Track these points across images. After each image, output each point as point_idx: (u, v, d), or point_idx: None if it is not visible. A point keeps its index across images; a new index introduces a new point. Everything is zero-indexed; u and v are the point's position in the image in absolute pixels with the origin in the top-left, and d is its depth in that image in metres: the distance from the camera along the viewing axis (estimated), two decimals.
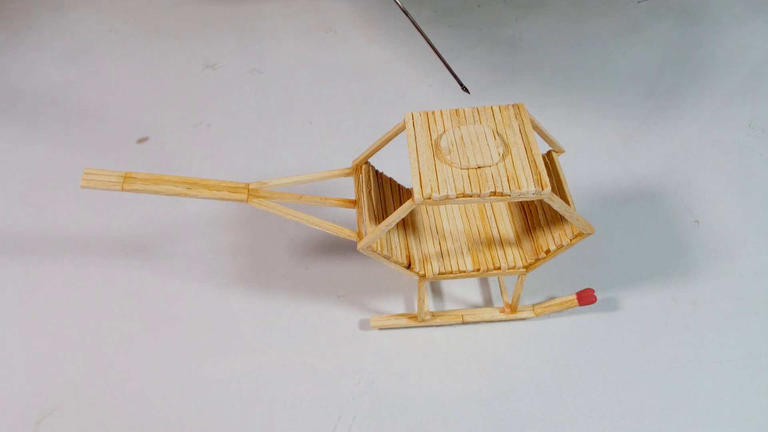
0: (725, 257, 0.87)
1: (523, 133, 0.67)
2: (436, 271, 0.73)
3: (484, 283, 0.85)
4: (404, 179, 0.93)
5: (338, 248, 0.90)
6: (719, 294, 0.83)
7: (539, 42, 1.21)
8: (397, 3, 0.65)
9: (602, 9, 1.28)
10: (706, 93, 1.10)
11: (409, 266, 0.73)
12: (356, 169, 0.77)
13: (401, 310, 0.83)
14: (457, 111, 0.70)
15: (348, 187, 0.97)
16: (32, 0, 1.36)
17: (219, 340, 0.81)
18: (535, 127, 0.71)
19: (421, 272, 0.73)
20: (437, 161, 0.65)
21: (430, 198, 0.62)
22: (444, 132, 0.67)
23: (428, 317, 0.80)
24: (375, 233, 0.67)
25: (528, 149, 0.66)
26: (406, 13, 0.66)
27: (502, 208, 0.80)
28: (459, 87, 0.69)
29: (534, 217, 0.76)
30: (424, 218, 0.79)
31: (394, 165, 0.94)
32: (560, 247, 0.71)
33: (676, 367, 0.76)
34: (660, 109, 1.07)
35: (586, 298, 0.80)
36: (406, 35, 1.24)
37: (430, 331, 0.81)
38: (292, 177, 0.74)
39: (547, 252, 0.72)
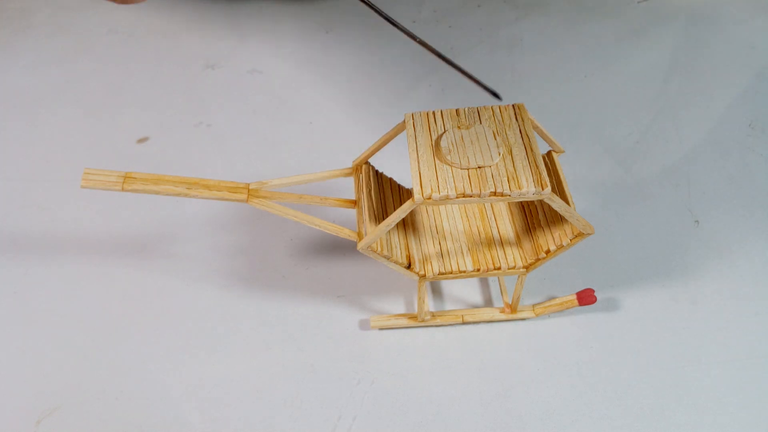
0: (725, 257, 0.87)
1: (523, 133, 0.67)
2: (436, 271, 0.73)
3: (484, 283, 0.85)
4: (404, 179, 0.92)
5: (338, 248, 0.90)
6: (719, 294, 0.83)
7: (539, 42, 1.21)
8: (407, 32, 0.62)
9: (602, 9, 1.28)
10: (706, 93, 1.10)
11: (409, 266, 0.73)
12: (356, 169, 0.77)
13: (401, 310, 0.83)
14: (457, 111, 0.70)
15: (348, 187, 0.97)
16: (32, 0, 1.36)
17: (219, 340, 0.81)
18: (535, 127, 0.71)
19: (421, 272, 0.73)
20: (437, 161, 0.65)
21: (430, 198, 0.62)
22: (444, 132, 0.67)
23: (428, 317, 0.80)
24: (375, 233, 0.67)
25: (528, 149, 0.66)
26: (425, 45, 0.63)
27: (502, 208, 0.80)
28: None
29: (534, 217, 0.76)
30: (424, 218, 0.79)
31: (394, 165, 0.94)
32: (560, 247, 0.71)
33: (676, 367, 0.76)
34: (660, 109, 1.07)
35: (586, 298, 0.80)
36: (406, 36, 1.23)
37: (430, 331, 0.81)
38: (292, 177, 0.74)
39: (547, 252, 0.72)
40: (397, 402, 0.75)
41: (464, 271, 0.74)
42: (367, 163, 0.77)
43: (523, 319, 0.81)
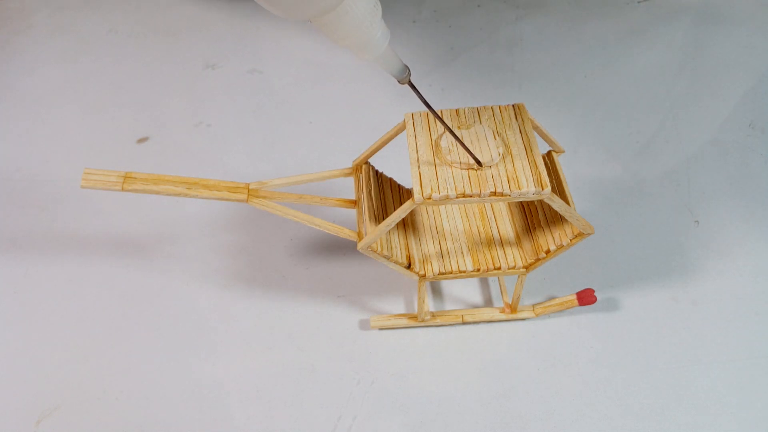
0: (725, 257, 0.87)
1: (523, 133, 0.67)
2: (436, 271, 0.73)
3: (484, 283, 0.85)
4: (404, 179, 0.92)
5: (338, 248, 0.90)
6: (719, 294, 0.83)
7: (539, 42, 1.21)
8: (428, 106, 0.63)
9: (602, 9, 1.27)
10: (706, 93, 1.10)
11: (409, 266, 0.73)
12: (356, 169, 0.77)
13: (401, 310, 0.83)
14: (457, 111, 0.70)
15: (348, 187, 0.97)
16: (32, 0, 1.36)
17: (219, 340, 0.81)
18: (535, 127, 0.71)
19: (421, 272, 0.73)
20: (437, 161, 0.65)
21: (430, 198, 0.62)
22: (444, 132, 0.67)
23: (428, 317, 0.80)
24: (375, 233, 0.67)
25: (528, 149, 0.66)
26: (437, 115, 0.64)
27: (502, 208, 0.80)
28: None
29: (534, 217, 0.76)
30: (424, 218, 0.79)
31: (394, 165, 0.94)
32: (560, 247, 0.71)
33: (676, 367, 0.76)
34: (660, 109, 1.07)
35: (586, 298, 0.80)
36: (406, 35, 1.24)
37: (430, 331, 0.81)
38: (292, 177, 0.74)
39: (547, 252, 0.72)
40: (397, 402, 0.75)
41: (464, 271, 0.74)
42: (367, 163, 0.77)
43: (523, 319, 0.81)
